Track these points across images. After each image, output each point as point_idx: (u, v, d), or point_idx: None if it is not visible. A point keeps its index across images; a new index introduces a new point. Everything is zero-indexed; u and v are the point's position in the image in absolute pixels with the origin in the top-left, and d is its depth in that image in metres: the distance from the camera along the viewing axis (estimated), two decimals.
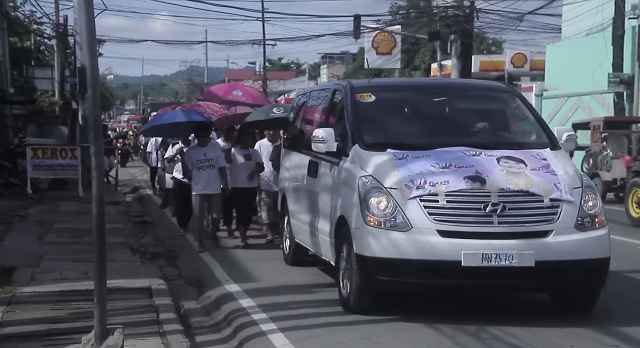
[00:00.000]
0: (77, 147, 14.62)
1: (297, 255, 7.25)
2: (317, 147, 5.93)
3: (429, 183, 5.10)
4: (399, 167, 5.27)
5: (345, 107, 6.05)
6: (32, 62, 24.30)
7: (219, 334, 5.50)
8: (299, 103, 7.77)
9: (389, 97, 6.46)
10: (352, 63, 50.21)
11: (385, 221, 5.10)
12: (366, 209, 5.18)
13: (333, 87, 6.74)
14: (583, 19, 19.67)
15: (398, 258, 5.04)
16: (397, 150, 5.45)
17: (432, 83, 8.41)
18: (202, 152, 8.42)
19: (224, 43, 58.66)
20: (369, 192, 5.21)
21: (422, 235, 5.01)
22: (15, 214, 11.47)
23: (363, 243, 5.18)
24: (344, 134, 5.87)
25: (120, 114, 67.67)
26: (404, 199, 5.09)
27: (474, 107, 6.53)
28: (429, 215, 5.03)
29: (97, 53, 4.45)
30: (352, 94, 6.10)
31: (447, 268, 4.98)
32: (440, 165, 5.25)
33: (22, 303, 5.79)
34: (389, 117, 6.15)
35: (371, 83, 6.76)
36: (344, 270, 5.57)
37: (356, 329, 5.12)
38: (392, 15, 36.77)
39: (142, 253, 8.54)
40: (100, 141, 4.35)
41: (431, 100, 6.44)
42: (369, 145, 5.61)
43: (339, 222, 5.62)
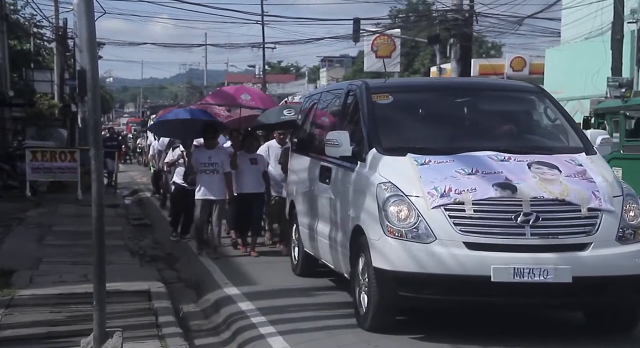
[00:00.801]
0: (77, 150, 14.61)
1: (306, 265, 6.89)
2: (331, 151, 5.54)
3: (455, 191, 4.72)
4: (421, 173, 4.89)
5: (361, 109, 5.65)
6: (31, 64, 24.30)
7: (218, 337, 5.49)
8: (309, 105, 7.39)
9: (407, 98, 6.05)
10: (352, 66, 50.28)
11: (407, 232, 4.72)
12: (385, 219, 4.80)
13: (347, 87, 6.30)
14: (582, 23, 19.71)
15: (421, 273, 4.65)
16: (418, 155, 5.05)
17: (453, 83, 7.63)
18: (207, 155, 8.12)
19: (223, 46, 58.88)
20: (388, 200, 4.82)
21: (447, 247, 4.63)
22: (14, 217, 11.46)
23: (382, 256, 4.80)
24: (360, 137, 5.48)
25: (120, 117, 67.67)
26: (427, 208, 4.71)
27: (499, 108, 6.10)
28: (454, 225, 4.64)
29: (97, 56, 4.45)
30: (368, 95, 5.69)
31: (475, 283, 4.59)
32: (465, 171, 4.86)
33: (21, 306, 5.78)
34: (408, 119, 5.79)
35: (387, 83, 6.44)
36: (360, 284, 5.16)
37: (356, 333, 5.11)
38: (392, 18, 36.78)
39: (141, 256, 8.53)
40: (100, 144, 4.34)
41: (453, 101, 6.01)
42: (388, 150, 5.23)
43: (354, 232, 5.24)
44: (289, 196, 7.47)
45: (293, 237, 7.17)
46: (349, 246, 5.36)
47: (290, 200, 7.28)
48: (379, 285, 4.83)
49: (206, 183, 8.10)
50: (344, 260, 5.52)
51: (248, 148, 8.48)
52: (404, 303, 4.86)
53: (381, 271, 4.80)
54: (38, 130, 18.66)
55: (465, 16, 19.92)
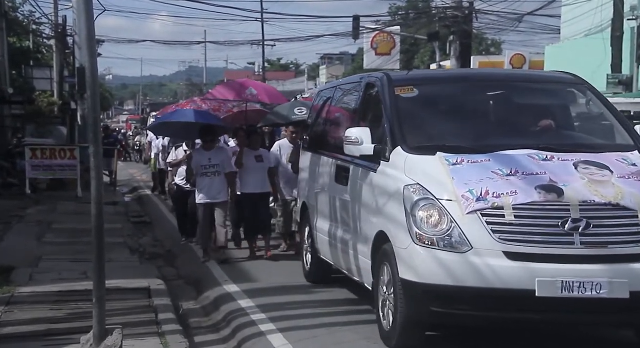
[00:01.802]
0: (76, 148, 14.61)
1: (320, 272, 6.44)
2: (351, 149, 5.06)
3: (493, 195, 4.22)
4: (454, 174, 4.39)
5: (383, 103, 5.14)
6: (31, 62, 24.29)
7: (218, 334, 5.49)
8: (323, 99, 6.88)
9: (434, 91, 5.49)
10: (352, 64, 50.25)
11: (438, 240, 4.23)
12: (414, 225, 4.31)
13: (366, 80, 5.77)
14: (582, 20, 19.69)
15: (455, 286, 4.17)
16: (450, 154, 4.55)
17: (484, 74, 6.85)
18: (207, 157, 7.65)
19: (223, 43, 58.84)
20: (417, 204, 4.34)
21: (485, 257, 4.14)
22: (14, 214, 11.46)
23: (411, 267, 4.32)
24: (382, 135, 4.99)
25: (120, 115, 67.65)
26: (462, 213, 4.22)
27: (536, 102, 5.53)
28: (493, 233, 4.15)
29: (96, 53, 4.44)
30: (391, 88, 5.17)
31: (518, 298, 4.11)
32: (504, 172, 4.36)
33: (20, 304, 5.79)
34: (436, 114, 5.31)
35: (411, 75, 5.98)
36: (384, 297, 4.67)
37: (356, 330, 5.11)
38: (392, 16, 36.77)
39: (141, 253, 8.53)
40: (99, 141, 4.34)
41: (484, 95, 5.45)
42: (415, 148, 4.72)
43: (377, 238, 4.76)
44: (300, 197, 7.04)
45: (305, 241, 6.75)
46: (370, 254, 4.90)
47: (302, 201, 6.84)
48: (407, 299, 4.35)
49: (207, 186, 7.63)
50: (365, 270, 5.06)
51: (252, 145, 8.02)
52: (436, 320, 4.38)
53: (410, 284, 4.32)
54: (38, 128, 18.66)
55: (465, 13, 19.90)
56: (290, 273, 7.12)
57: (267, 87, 10.38)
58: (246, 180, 7.85)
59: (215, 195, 7.64)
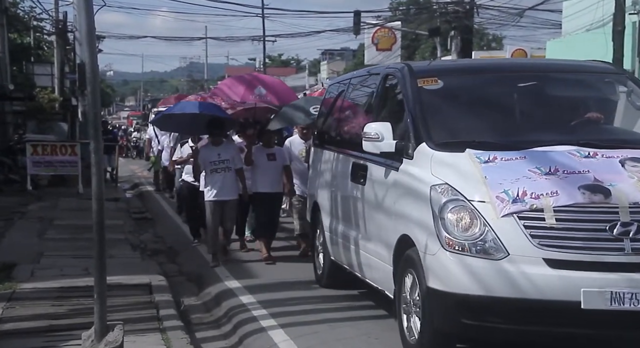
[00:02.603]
0: (77, 144, 14.60)
1: (333, 276, 6.10)
2: (370, 146, 4.68)
3: (531, 195, 3.85)
4: (486, 172, 4.02)
5: (405, 96, 4.79)
6: (31, 58, 24.29)
7: (219, 330, 5.51)
8: (334, 93, 6.53)
9: (460, 83, 5.08)
10: (352, 59, 50.20)
11: (470, 245, 3.87)
12: (443, 229, 3.96)
13: (384, 71, 5.40)
14: (583, 14, 19.66)
15: (489, 296, 3.80)
16: (480, 151, 4.17)
17: (515, 64, 6.26)
18: (216, 152, 7.26)
19: (224, 39, 58.66)
20: (446, 205, 3.98)
21: (522, 265, 3.77)
22: (15, 211, 11.48)
23: (440, 274, 3.97)
24: (404, 130, 4.63)
25: (120, 111, 67.67)
26: (496, 216, 3.85)
27: (573, 93, 5.14)
28: (531, 238, 3.79)
29: (97, 49, 4.44)
30: (413, 79, 4.81)
31: (560, 311, 3.74)
32: (542, 170, 3.98)
33: (22, 300, 5.80)
34: (463, 107, 4.91)
35: (434, 65, 5.61)
36: (408, 307, 4.33)
37: (356, 325, 5.12)
38: (392, 11, 36.71)
39: (142, 249, 8.54)
40: (100, 137, 4.34)
41: (516, 86, 5.05)
42: (441, 145, 4.35)
43: (400, 243, 4.42)
44: (310, 196, 6.69)
45: (317, 243, 6.42)
46: (392, 259, 4.56)
47: (313, 201, 6.49)
48: (435, 310, 3.99)
49: (218, 183, 7.23)
50: (385, 276, 4.72)
51: (265, 142, 7.66)
52: (467, 333, 3.99)
53: (438, 293, 3.96)
54: (38, 124, 18.64)
55: (466, 8, 19.86)
56: (291, 269, 7.12)
57: (276, 84, 9.70)
58: (258, 179, 7.51)
59: (227, 192, 7.29)
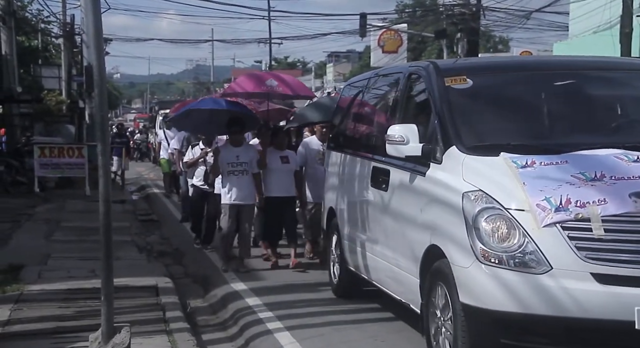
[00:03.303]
0: (84, 146, 14.67)
1: (349, 285, 5.84)
2: (394, 149, 4.40)
3: (576, 204, 3.55)
4: (524, 178, 3.72)
5: (431, 96, 4.51)
6: (39, 61, 24.43)
7: (225, 332, 5.51)
8: (352, 93, 6.27)
9: (491, 81, 4.75)
10: (358, 61, 50.22)
11: (508, 258, 3.56)
12: (477, 239, 3.66)
13: (407, 70, 5.11)
14: (591, 16, 19.60)
15: (530, 314, 3.50)
16: (516, 155, 3.87)
17: (550, 61, 5.83)
18: (235, 154, 7.00)
19: (230, 42, 58.65)
20: (481, 214, 3.68)
21: (567, 280, 3.48)
22: (22, 213, 11.53)
23: (474, 290, 3.66)
24: (431, 133, 4.33)
25: (127, 113, 67.92)
26: (537, 226, 3.55)
27: (614, 92, 4.84)
28: (577, 250, 3.49)
29: (104, 52, 4.46)
30: (439, 78, 4.51)
31: (610, 332, 3.46)
32: (587, 176, 3.67)
33: (29, 301, 5.82)
34: (494, 107, 4.58)
35: (461, 63, 5.30)
36: (438, 323, 4.01)
37: (362, 328, 5.12)
38: (398, 13, 36.73)
39: (149, 251, 8.57)
40: (107, 140, 4.36)
41: (551, 84, 4.72)
42: (472, 148, 4.05)
43: (428, 254, 4.12)
44: (326, 202, 6.40)
45: (332, 251, 6.17)
46: (419, 271, 4.25)
47: (329, 207, 6.23)
48: (470, 328, 3.68)
49: (235, 186, 6.97)
50: (411, 289, 4.41)
51: (278, 144, 7.33)
52: None
53: (473, 310, 3.65)
54: (46, 127, 18.74)
55: (472, 10, 19.84)
56: (296, 271, 7.10)
57: (288, 78, 9.16)
58: (270, 182, 7.23)
59: (245, 196, 7.02)
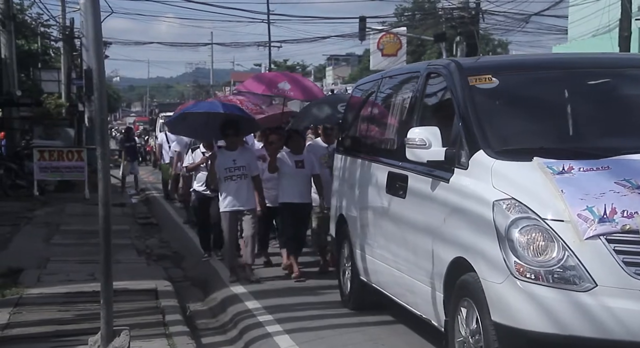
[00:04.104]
0: (84, 149, 14.68)
1: (362, 297, 5.54)
2: (415, 153, 4.07)
3: (622, 214, 3.25)
4: (562, 185, 3.40)
5: (454, 97, 4.19)
6: (39, 64, 24.46)
7: (225, 336, 5.51)
8: (364, 94, 5.96)
9: (518, 81, 4.40)
10: (358, 65, 50.31)
11: (547, 273, 3.25)
12: (511, 252, 3.34)
13: (425, 69, 4.75)
14: (589, 20, 19.66)
15: (571, 336, 3.20)
16: (551, 159, 3.55)
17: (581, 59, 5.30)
18: (231, 158, 6.70)
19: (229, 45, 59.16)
20: (515, 224, 3.37)
21: (613, 298, 3.18)
22: (22, 216, 11.53)
23: (508, 308, 3.34)
24: (455, 136, 4.02)
25: (127, 116, 67.97)
26: (579, 238, 3.26)
27: None
28: (624, 265, 3.20)
29: (103, 55, 4.46)
30: (463, 77, 4.20)
31: None
32: (633, 183, 3.36)
33: (29, 305, 5.82)
34: (523, 109, 4.21)
35: (485, 61, 4.90)
36: (466, 342, 3.70)
37: (362, 331, 5.12)
38: (398, 16, 36.81)
39: (148, 254, 8.57)
40: (107, 143, 4.35)
41: (585, 83, 4.38)
42: (501, 152, 3.73)
43: (453, 266, 3.81)
44: (336, 209, 6.08)
45: (343, 260, 5.88)
46: (443, 286, 3.93)
47: (339, 214, 5.93)
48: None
49: (233, 191, 6.67)
50: (432, 304, 4.10)
51: (293, 147, 6.96)
52: None
53: (507, 330, 3.34)
54: (45, 130, 18.73)
55: (471, 14, 19.90)
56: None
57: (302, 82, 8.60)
58: (285, 187, 6.87)
59: (243, 201, 6.71)
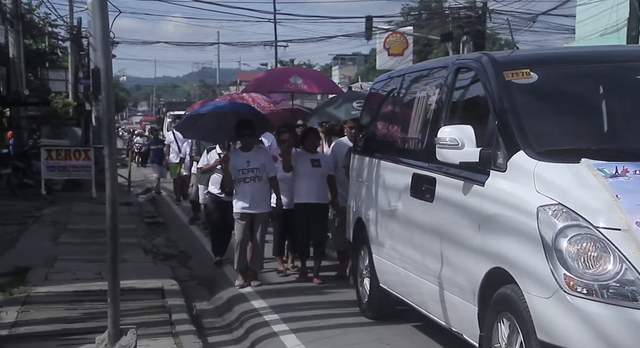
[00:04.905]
0: (91, 149, 14.73)
1: (382, 306, 5.26)
2: (446, 154, 3.79)
3: None
4: (617, 190, 3.12)
5: (489, 93, 3.89)
6: (46, 64, 24.56)
7: (231, 335, 5.52)
8: (384, 90, 5.68)
9: (560, 75, 4.03)
10: (364, 64, 50.26)
11: (602, 287, 2.97)
12: (560, 264, 3.05)
13: (454, 63, 4.45)
14: (597, 19, 19.57)
15: None
16: (602, 161, 3.26)
17: (628, 51, 4.91)
18: (245, 159, 6.47)
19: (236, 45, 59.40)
20: (563, 233, 3.08)
21: None
22: (29, 215, 11.57)
23: (557, 325, 3.05)
24: (490, 135, 3.73)
25: (133, 115, 68.16)
26: (638, 249, 2.98)
27: None
28: None
29: (111, 55, 4.48)
30: (498, 72, 3.89)
31: None
32: None
33: (36, 303, 5.85)
34: (566, 106, 3.89)
35: (518, 55, 4.51)
36: None
37: (368, 331, 5.12)
38: (404, 16, 36.74)
39: (155, 254, 8.59)
40: (114, 142, 4.37)
41: (634, 78, 4.03)
42: (544, 153, 3.43)
43: (490, 277, 3.52)
44: (354, 212, 5.78)
45: (360, 265, 5.56)
46: (477, 298, 3.64)
47: (357, 217, 5.64)
48: None
49: (247, 194, 6.46)
50: (465, 317, 3.81)
51: (308, 146, 6.73)
52: None
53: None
54: (53, 129, 18.81)
55: (478, 13, 19.85)
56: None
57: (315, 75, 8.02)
58: (299, 187, 6.61)
59: (257, 204, 6.47)
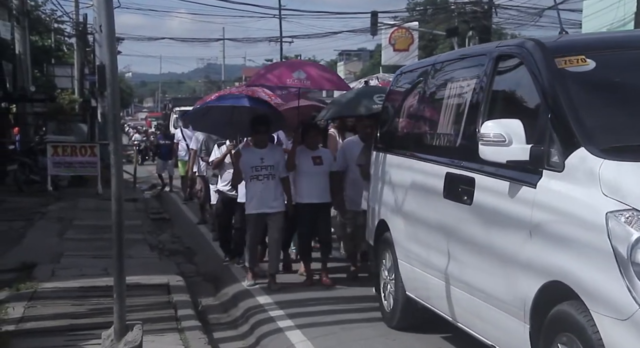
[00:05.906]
0: (97, 145, 14.77)
1: (408, 316, 4.88)
2: (490, 152, 3.39)
3: None
4: None
5: (538, 83, 3.44)
6: (52, 60, 24.61)
7: (236, 330, 5.54)
8: (409, 83, 5.26)
9: (620, 62, 3.58)
10: (369, 60, 50.17)
11: None
12: (639, 280, 2.71)
13: (494, 51, 3.96)
14: (604, 14, 19.46)
15: None
16: None
17: None
18: (259, 156, 6.24)
19: (241, 40, 59.11)
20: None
21: None
22: (35, 211, 11.62)
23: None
24: (541, 130, 3.31)
25: (139, 112, 68.24)
26: None
27: None
28: None
29: (116, 51, 4.48)
30: (549, 59, 3.45)
31: None
32: None
33: (43, 299, 5.88)
34: (631, 96, 3.44)
35: (568, 40, 4.00)
36: None
37: (373, 326, 5.13)
38: (410, 11, 36.64)
39: (161, 250, 8.61)
40: (119, 139, 4.37)
41: None
42: (610, 151, 3.02)
43: (544, 292, 3.15)
44: (374, 213, 5.42)
45: (384, 272, 5.18)
46: (529, 315, 3.25)
47: (379, 219, 5.26)
48: None
49: (260, 192, 6.23)
50: (511, 335, 3.43)
51: (310, 143, 6.43)
52: None
53: None
54: (59, 125, 18.88)
55: (484, 8, 19.78)
56: None
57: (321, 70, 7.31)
58: (301, 187, 6.39)
59: (270, 203, 6.25)
